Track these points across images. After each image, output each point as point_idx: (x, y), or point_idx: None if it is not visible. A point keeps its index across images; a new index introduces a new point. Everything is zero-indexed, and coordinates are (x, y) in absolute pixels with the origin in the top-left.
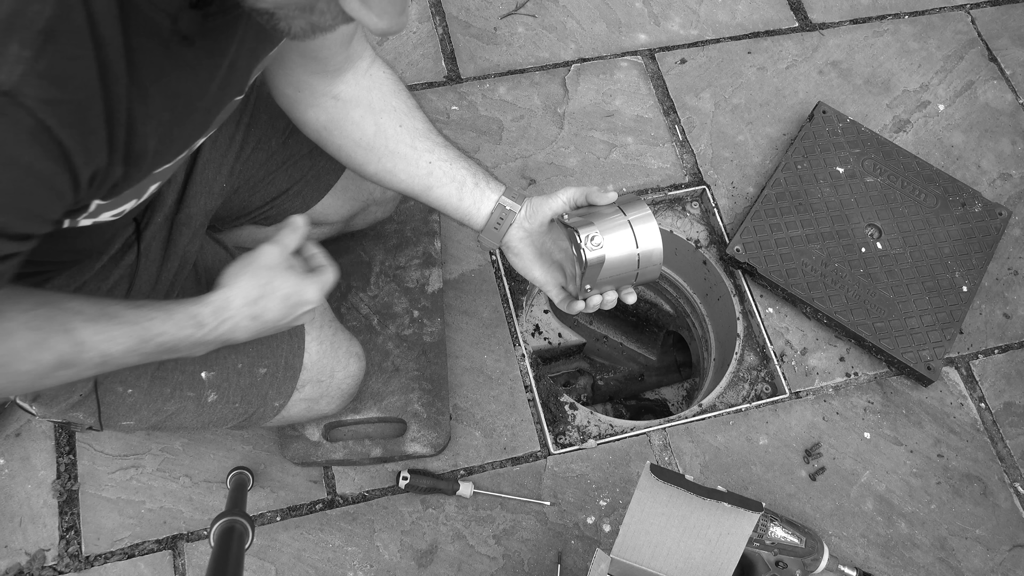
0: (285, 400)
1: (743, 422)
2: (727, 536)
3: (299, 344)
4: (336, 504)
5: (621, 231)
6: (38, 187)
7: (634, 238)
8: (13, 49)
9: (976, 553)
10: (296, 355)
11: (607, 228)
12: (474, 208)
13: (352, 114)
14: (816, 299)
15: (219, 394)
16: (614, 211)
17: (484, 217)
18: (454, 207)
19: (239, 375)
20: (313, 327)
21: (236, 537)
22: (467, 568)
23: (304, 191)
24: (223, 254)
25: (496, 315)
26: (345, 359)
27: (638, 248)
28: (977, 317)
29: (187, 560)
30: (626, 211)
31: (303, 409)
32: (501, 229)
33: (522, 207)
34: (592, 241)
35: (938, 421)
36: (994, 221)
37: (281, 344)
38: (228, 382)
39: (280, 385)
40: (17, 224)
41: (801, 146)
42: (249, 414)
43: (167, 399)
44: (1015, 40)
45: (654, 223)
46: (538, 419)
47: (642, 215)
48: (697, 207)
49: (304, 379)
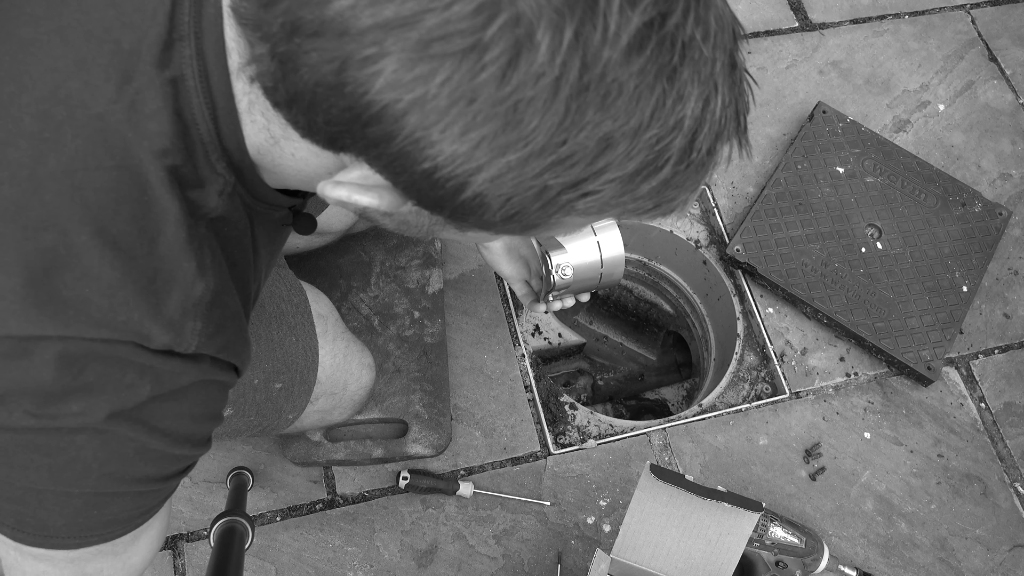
0: (299, 413)
1: (743, 422)
2: (727, 536)
3: (314, 359)
4: (336, 504)
5: (587, 250)
6: (225, 392)
7: (599, 254)
8: (189, 326)
9: (976, 553)
10: (311, 370)
11: (577, 250)
12: None
13: None
14: (816, 299)
15: (235, 409)
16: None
17: None
18: None
19: (255, 391)
20: (327, 340)
21: (236, 537)
22: (467, 568)
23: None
24: None
25: (496, 315)
26: (358, 371)
27: (602, 266)
28: (977, 317)
29: (187, 560)
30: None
31: (316, 420)
32: None
33: None
34: (561, 270)
35: (938, 421)
36: (994, 221)
37: (297, 359)
38: (244, 397)
39: (295, 399)
40: (210, 428)
41: (801, 146)
42: (263, 427)
43: None
44: (1015, 40)
45: (619, 241)
46: (538, 419)
47: (606, 225)
48: (697, 207)
49: (318, 392)
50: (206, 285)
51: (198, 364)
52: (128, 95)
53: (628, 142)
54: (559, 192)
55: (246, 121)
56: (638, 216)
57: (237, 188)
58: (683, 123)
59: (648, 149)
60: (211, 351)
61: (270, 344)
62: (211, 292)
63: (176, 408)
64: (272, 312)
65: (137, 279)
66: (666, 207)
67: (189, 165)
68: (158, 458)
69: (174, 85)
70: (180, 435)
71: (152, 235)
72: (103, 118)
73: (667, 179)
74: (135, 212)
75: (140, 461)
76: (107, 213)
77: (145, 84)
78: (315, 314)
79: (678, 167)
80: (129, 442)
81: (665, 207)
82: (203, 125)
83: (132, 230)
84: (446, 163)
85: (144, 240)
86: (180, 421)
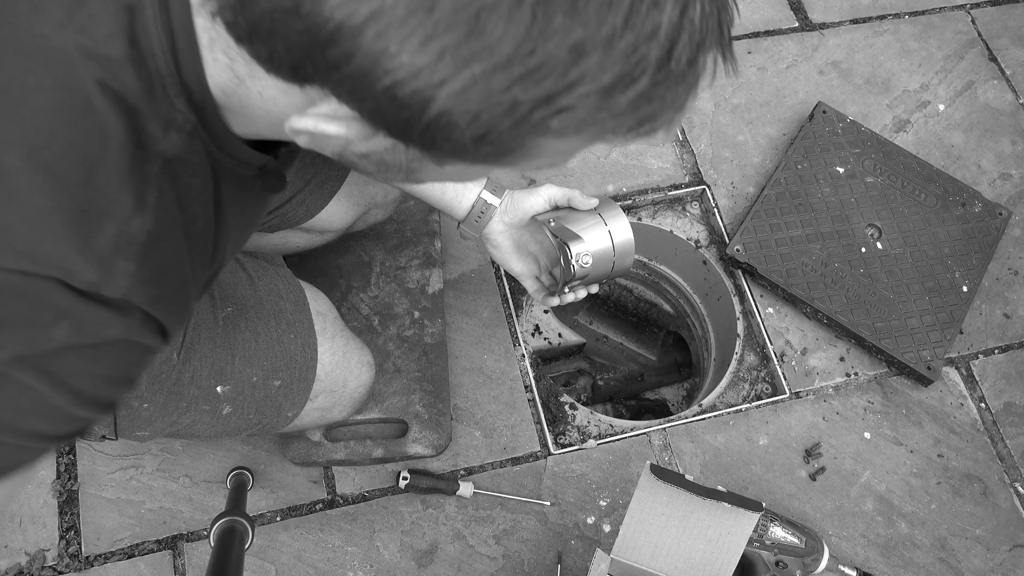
0: (298, 411)
1: (743, 422)
2: (727, 536)
3: (313, 356)
4: (336, 504)
5: (601, 238)
6: (144, 356)
7: (612, 244)
8: (120, 265)
9: (976, 553)
10: (310, 367)
11: (589, 237)
12: (456, 201)
13: None
14: (816, 299)
15: (234, 407)
16: (593, 215)
17: (465, 209)
18: (437, 198)
19: (254, 388)
20: (326, 337)
21: (236, 537)
22: (467, 568)
23: (308, 200)
24: (232, 264)
25: (496, 315)
26: (357, 368)
27: (615, 254)
28: (977, 317)
29: (187, 560)
30: (602, 214)
31: (316, 418)
32: (482, 222)
33: (502, 201)
34: (581, 259)
35: (938, 421)
36: (994, 221)
37: (295, 356)
38: (243, 395)
39: (294, 397)
40: (115, 393)
41: (801, 146)
42: (263, 424)
43: (183, 412)
44: (1015, 40)
45: (629, 230)
46: (538, 419)
47: (614, 215)
48: (697, 207)
49: (317, 390)
50: (143, 223)
51: (125, 318)
52: (79, 19)
53: (601, 51)
54: (531, 109)
55: (208, 59)
56: (621, 137)
57: (199, 131)
58: (659, 31)
59: (623, 59)
60: (142, 300)
61: (268, 341)
62: (148, 232)
63: (90, 366)
64: (270, 309)
65: (69, 208)
66: (648, 126)
67: (142, 96)
68: (55, 415)
69: (131, 12)
70: (87, 396)
71: (91, 163)
72: (48, 38)
73: (645, 92)
74: (74, 137)
75: (34, 415)
76: (42, 135)
77: (99, 8)
78: (314, 312)
79: (657, 78)
80: (28, 391)
81: (648, 126)
82: (160, 56)
83: (69, 155)
84: (408, 78)
85: (81, 167)
86: (92, 381)
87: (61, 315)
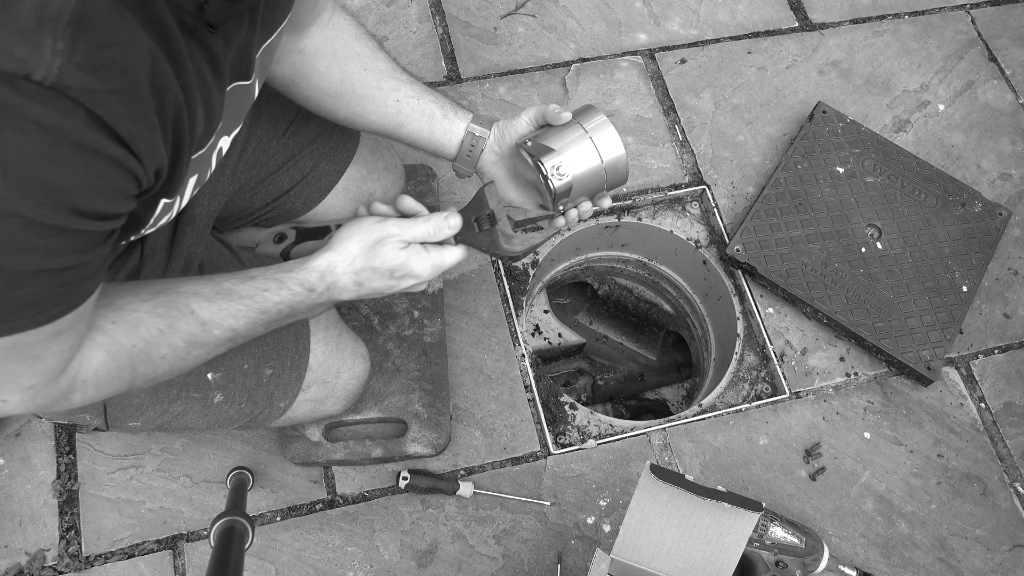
0: (291, 401)
1: (743, 422)
2: (727, 536)
3: (305, 345)
4: (336, 504)
5: (583, 148)
6: (112, 167)
7: (597, 151)
8: (47, 43)
9: (976, 553)
10: (302, 356)
11: (569, 148)
12: (445, 139)
13: (318, 65)
14: (816, 299)
15: (225, 395)
16: (572, 126)
17: (456, 146)
18: (426, 140)
19: (245, 376)
20: (319, 328)
21: (236, 537)
22: (467, 568)
23: (305, 192)
24: (227, 255)
25: (496, 315)
26: (351, 360)
27: (603, 162)
28: (977, 317)
29: (187, 560)
30: (584, 123)
31: (308, 410)
32: (473, 155)
33: (491, 132)
34: (558, 171)
35: (938, 421)
36: (994, 221)
37: (287, 345)
38: (234, 383)
39: (286, 386)
40: (105, 204)
41: (801, 146)
42: (255, 415)
43: (173, 400)
44: (1015, 40)
45: (613, 130)
46: (538, 419)
47: (599, 123)
48: (697, 207)
49: (310, 380)
50: (66, 1)
51: (68, 117)
52: None
53: None
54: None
55: None
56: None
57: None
58: None
59: None
60: (77, 87)
61: None
62: (74, 11)
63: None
64: None
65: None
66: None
67: None
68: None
69: None
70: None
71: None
72: None
73: None
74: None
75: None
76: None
77: None
78: None
79: None
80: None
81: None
82: None
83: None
84: None
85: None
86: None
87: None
